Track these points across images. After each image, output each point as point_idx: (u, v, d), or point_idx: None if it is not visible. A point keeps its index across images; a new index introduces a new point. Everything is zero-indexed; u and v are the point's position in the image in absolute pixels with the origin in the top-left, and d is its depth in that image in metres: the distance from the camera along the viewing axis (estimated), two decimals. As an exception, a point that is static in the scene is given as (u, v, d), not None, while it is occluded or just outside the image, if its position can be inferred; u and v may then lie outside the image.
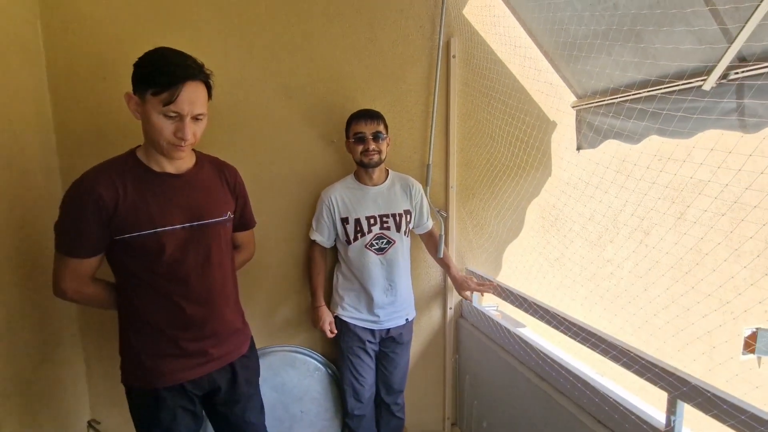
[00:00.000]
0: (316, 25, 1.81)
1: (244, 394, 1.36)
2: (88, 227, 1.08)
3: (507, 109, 1.99)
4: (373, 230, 1.73)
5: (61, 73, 1.56)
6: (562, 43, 1.73)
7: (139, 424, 1.25)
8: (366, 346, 1.78)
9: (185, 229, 1.18)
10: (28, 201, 1.40)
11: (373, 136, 1.67)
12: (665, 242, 1.52)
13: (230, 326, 1.31)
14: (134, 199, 1.11)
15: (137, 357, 1.20)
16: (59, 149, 1.59)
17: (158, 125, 1.08)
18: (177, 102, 1.06)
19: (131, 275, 1.17)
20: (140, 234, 1.12)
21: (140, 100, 1.09)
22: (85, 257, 1.13)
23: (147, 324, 1.19)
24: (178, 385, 1.21)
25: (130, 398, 1.24)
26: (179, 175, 1.20)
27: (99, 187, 1.08)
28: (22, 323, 1.35)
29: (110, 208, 1.08)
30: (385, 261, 1.74)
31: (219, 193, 1.29)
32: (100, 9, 1.57)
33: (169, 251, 1.15)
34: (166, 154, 1.14)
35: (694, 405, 1.02)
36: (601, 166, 1.63)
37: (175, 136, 1.09)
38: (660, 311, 1.41)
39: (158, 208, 1.14)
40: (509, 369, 1.72)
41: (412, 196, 1.81)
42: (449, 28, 1.95)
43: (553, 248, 2.10)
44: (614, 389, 1.30)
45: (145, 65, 1.09)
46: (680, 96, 1.36)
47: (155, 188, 1.15)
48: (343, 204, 1.73)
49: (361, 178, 1.76)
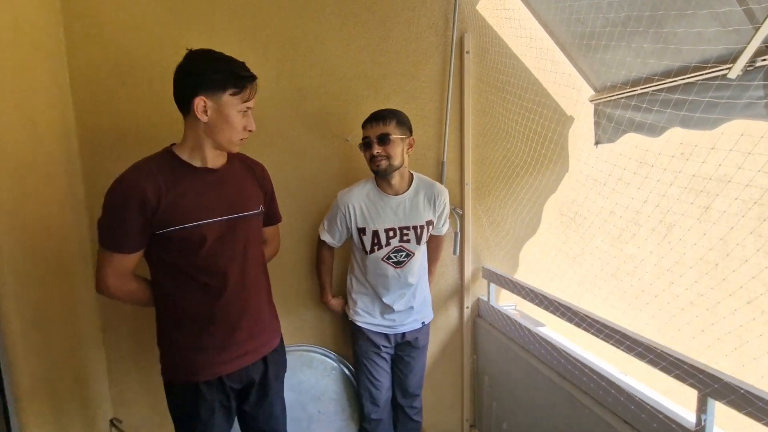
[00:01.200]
0: (329, 25, 1.82)
1: (272, 388, 1.40)
2: (132, 223, 1.12)
3: (523, 104, 1.96)
4: (392, 243, 1.62)
5: (82, 79, 1.61)
6: (578, 33, 1.70)
7: (178, 419, 1.29)
8: (381, 351, 1.73)
9: (223, 222, 1.23)
10: (53, 202, 1.44)
11: (378, 139, 1.53)
12: (690, 236, 1.47)
13: (264, 319, 1.36)
14: (175, 193, 1.16)
15: (179, 351, 1.24)
16: (81, 152, 1.63)
17: (236, 121, 1.18)
18: (249, 97, 1.19)
19: (171, 269, 1.21)
20: (183, 227, 1.16)
21: (213, 103, 1.15)
22: (129, 252, 1.16)
23: (187, 317, 1.23)
24: (216, 379, 1.25)
25: (169, 392, 1.28)
26: (215, 170, 1.24)
27: (142, 183, 1.12)
28: (48, 322, 1.38)
29: (153, 203, 1.12)
30: (402, 274, 1.66)
31: (250, 188, 1.34)
32: (120, 16, 1.61)
33: (209, 243, 1.19)
34: (233, 148, 1.24)
35: (726, 403, 0.98)
36: (622, 158, 1.58)
37: (245, 129, 1.21)
38: (686, 307, 1.36)
39: (198, 201, 1.19)
40: (529, 368, 1.68)
41: (436, 207, 1.68)
42: (462, 24, 1.94)
43: (573, 245, 2.05)
44: (640, 388, 1.26)
45: (216, 71, 1.14)
46: (705, 84, 1.32)
47: (195, 183, 1.20)
48: (360, 214, 1.62)
49: (381, 186, 1.63)
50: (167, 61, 1.67)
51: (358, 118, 1.77)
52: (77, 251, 1.59)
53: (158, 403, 1.82)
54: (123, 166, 1.65)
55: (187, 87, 1.15)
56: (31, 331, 1.28)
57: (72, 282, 1.55)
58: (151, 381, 1.80)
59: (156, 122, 1.68)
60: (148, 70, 1.66)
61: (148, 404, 1.82)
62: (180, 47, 1.71)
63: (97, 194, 1.64)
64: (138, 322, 1.75)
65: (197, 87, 1.13)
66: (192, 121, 1.18)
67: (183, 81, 1.16)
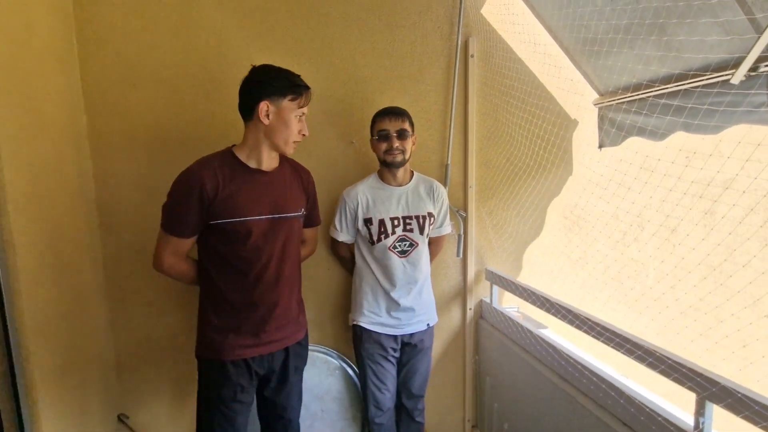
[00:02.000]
0: (336, 29, 1.84)
1: (291, 378, 1.50)
2: (192, 210, 1.28)
3: (527, 108, 1.98)
4: (397, 232, 1.70)
5: (94, 82, 1.64)
6: (582, 39, 1.71)
7: (201, 397, 1.40)
8: (389, 353, 1.74)
9: (268, 220, 1.36)
10: (64, 202, 1.47)
11: (398, 133, 1.63)
12: (692, 239, 1.48)
13: (292, 312, 1.48)
14: (230, 189, 1.30)
15: (213, 330, 1.36)
16: (92, 153, 1.67)
17: (293, 125, 1.33)
18: (306, 106, 1.35)
19: (219, 257, 1.35)
20: (232, 221, 1.30)
21: (274, 107, 1.31)
22: (185, 237, 1.32)
23: (225, 301, 1.36)
24: (242, 360, 1.37)
25: (199, 370, 1.41)
26: (267, 173, 1.38)
27: (204, 176, 1.27)
28: (58, 319, 1.42)
29: (211, 195, 1.27)
30: (407, 264, 1.71)
31: (296, 191, 1.48)
32: (131, 21, 1.65)
33: (253, 238, 1.33)
34: (288, 150, 1.37)
35: (724, 406, 0.99)
36: (626, 162, 1.59)
37: (299, 133, 1.36)
38: (686, 309, 1.37)
39: (249, 199, 1.33)
40: (530, 370, 1.69)
41: (435, 199, 1.76)
42: (467, 28, 1.95)
43: (575, 247, 2.06)
44: (640, 391, 1.27)
45: (278, 79, 1.31)
46: (706, 90, 1.33)
47: (247, 182, 1.34)
48: (366, 204, 1.70)
49: (385, 178, 1.73)
50: (177, 65, 1.71)
51: (364, 121, 1.80)
52: (87, 250, 1.63)
53: (165, 400, 1.86)
54: (134, 167, 1.71)
55: (253, 94, 1.31)
56: (42, 327, 1.32)
57: (82, 279, 1.58)
58: (158, 378, 1.83)
59: (165, 124, 1.71)
60: (158, 74, 1.69)
61: (155, 401, 1.85)
62: (189, 51, 1.75)
63: (107, 195, 1.69)
64: (147, 320, 1.79)
65: (262, 93, 1.29)
66: (253, 125, 1.34)
67: (249, 89, 1.32)
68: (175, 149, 1.72)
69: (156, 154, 1.72)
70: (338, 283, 1.97)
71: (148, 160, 1.71)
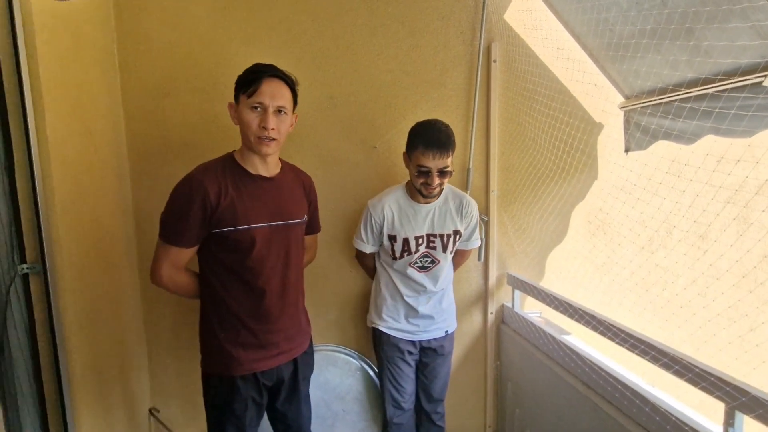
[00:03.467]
0: (360, 36, 1.89)
1: (300, 388, 1.46)
2: (194, 218, 1.21)
3: (550, 112, 1.97)
4: (420, 249, 1.66)
5: (132, 91, 1.74)
6: (607, 43, 1.70)
7: (212, 411, 1.36)
8: (405, 356, 1.75)
9: (271, 228, 1.31)
10: (105, 203, 1.56)
11: (440, 172, 1.49)
12: (720, 245, 1.44)
13: (298, 322, 1.44)
14: (233, 196, 1.25)
15: (219, 346, 1.30)
16: (130, 156, 1.76)
17: (247, 119, 1.23)
18: (258, 93, 1.22)
19: (221, 267, 1.29)
20: (236, 229, 1.25)
21: (238, 107, 1.27)
22: (185, 247, 1.25)
23: (230, 314, 1.30)
24: (251, 374, 1.32)
25: (207, 384, 1.35)
26: (269, 178, 1.34)
27: (206, 184, 1.22)
28: (99, 316, 1.50)
29: (214, 203, 1.22)
30: (427, 278, 1.70)
31: (298, 197, 1.43)
32: (167, 33, 1.74)
33: (258, 246, 1.28)
34: (255, 150, 1.27)
35: (754, 417, 0.97)
36: (648, 167, 1.57)
37: (260, 127, 1.23)
38: (714, 318, 1.33)
39: (252, 206, 1.28)
40: (553, 376, 1.68)
41: (463, 216, 1.70)
42: (490, 33, 1.97)
43: (600, 253, 2.03)
44: (666, 399, 1.25)
45: (239, 77, 1.27)
46: (734, 93, 1.30)
47: (250, 188, 1.29)
48: (392, 221, 1.64)
49: (414, 195, 1.64)
50: (208, 74, 1.79)
51: (386, 125, 1.83)
52: (125, 250, 1.72)
53: (193, 396, 1.92)
54: (168, 170, 1.79)
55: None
56: (84, 324, 1.40)
57: (120, 278, 1.67)
58: (187, 374, 1.90)
59: (198, 129, 1.79)
60: (191, 83, 1.77)
61: (184, 396, 1.92)
62: (220, 61, 1.83)
63: (143, 197, 1.78)
64: (177, 318, 1.86)
65: (234, 94, 1.28)
66: None
67: None
68: (207, 155, 1.77)
69: (189, 157, 1.79)
70: (360, 285, 2.00)
71: (181, 165, 1.78)
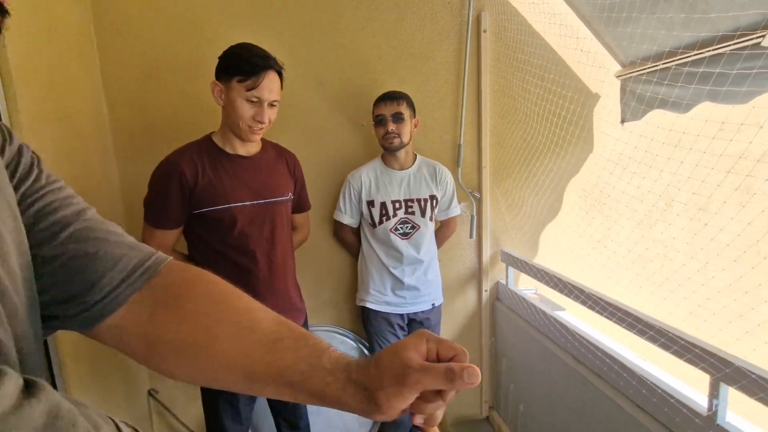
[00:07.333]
0: (344, 10, 1.83)
1: None
2: (173, 201, 1.24)
3: (544, 84, 1.90)
4: (398, 214, 1.72)
5: (112, 73, 1.71)
6: (600, 4, 1.62)
7: (207, 390, 1.39)
8: (396, 329, 1.79)
9: (253, 206, 1.33)
10: (89, 189, 1.56)
11: (393, 117, 1.63)
12: (720, 217, 1.39)
13: (289, 301, 1.45)
14: (210, 176, 1.27)
15: None
16: (114, 142, 1.75)
17: (241, 109, 1.23)
18: (259, 88, 1.22)
19: (207, 247, 1.32)
20: (215, 208, 1.27)
21: (224, 87, 1.25)
22: (170, 229, 1.28)
23: None
24: None
25: None
26: (248, 157, 1.35)
27: (182, 165, 1.24)
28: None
29: (191, 183, 1.24)
30: (410, 245, 1.74)
31: (281, 175, 1.43)
32: (146, 12, 1.69)
33: (239, 225, 1.30)
34: (244, 137, 1.29)
35: (738, 388, 0.94)
36: (645, 138, 1.51)
37: (254, 119, 1.25)
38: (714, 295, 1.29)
39: (231, 185, 1.29)
40: (545, 352, 1.67)
41: (438, 182, 1.77)
42: (479, 2, 1.89)
43: (596, 229, 1.99)
44: (654, 373, 1.23)
45: (231, 57, 1.24)
46: (735, 53, 1.23)
47: (228, 168, 1.30)
48: (368, 187, 1.73)
49: (388, 162, 1.76)
50: (189, 53, 1.75)
51: (373, 102, 1.78)
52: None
53: (190, 376, 1.96)
54: (153, 154, 1.76)
55: (215, 73, 1.27)
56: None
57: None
58: (183, 355, 1.93)
59: (180, 111, 1.76)
60: (172, 63, 1.74)
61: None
62: (200, 40, 1.78)
63: (130, 182, 1.77)
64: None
65: (217, 72, 1.27)
66: (222, 108, 1.30)
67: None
68: (192, 135, 1.76)
69: (174, 140, 1.74)
70: (354, 264, 1.99)
71: (166, 148, 1.77)
